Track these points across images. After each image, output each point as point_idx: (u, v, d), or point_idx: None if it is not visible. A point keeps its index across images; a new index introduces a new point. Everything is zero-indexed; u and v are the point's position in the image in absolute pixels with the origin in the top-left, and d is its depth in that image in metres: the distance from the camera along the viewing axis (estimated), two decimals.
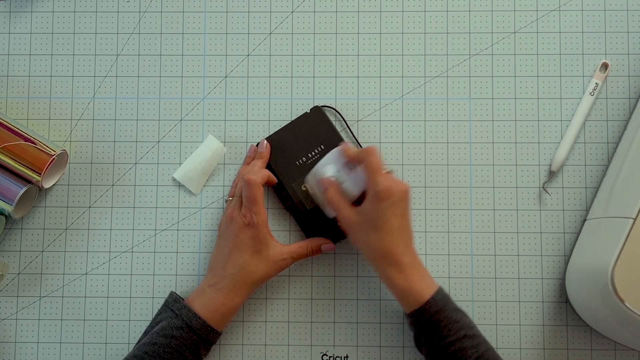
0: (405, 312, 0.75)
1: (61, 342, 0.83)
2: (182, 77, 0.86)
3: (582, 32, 0.85)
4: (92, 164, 0.85)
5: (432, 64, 0.85)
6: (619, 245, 0.71)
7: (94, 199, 0.84)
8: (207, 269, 0.79)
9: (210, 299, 0.76)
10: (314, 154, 0.82)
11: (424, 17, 0.86)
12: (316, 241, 0.80)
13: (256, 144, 0.83)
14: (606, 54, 0.85)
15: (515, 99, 0.85)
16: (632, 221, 0.72)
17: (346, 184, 0.76)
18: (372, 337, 0.82)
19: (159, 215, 0.84)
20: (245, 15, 0.86)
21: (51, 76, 0.86)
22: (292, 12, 0.86)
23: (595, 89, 0.83)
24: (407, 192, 0.74)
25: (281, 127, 0.83)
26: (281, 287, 0.83)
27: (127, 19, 0.86)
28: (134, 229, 0.84)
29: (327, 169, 0.78)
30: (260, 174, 0.77)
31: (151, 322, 0.77)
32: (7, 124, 0.80)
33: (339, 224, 0.79)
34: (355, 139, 0.84)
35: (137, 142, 0.85)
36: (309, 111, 0.83)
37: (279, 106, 0.85)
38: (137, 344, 0.76)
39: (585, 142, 0.84)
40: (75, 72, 0.86)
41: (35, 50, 0.86)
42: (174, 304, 0.76)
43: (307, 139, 0.82)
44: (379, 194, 0.72)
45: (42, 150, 0.80)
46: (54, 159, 0.80)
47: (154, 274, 0.83)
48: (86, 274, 0.83)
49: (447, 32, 0.86)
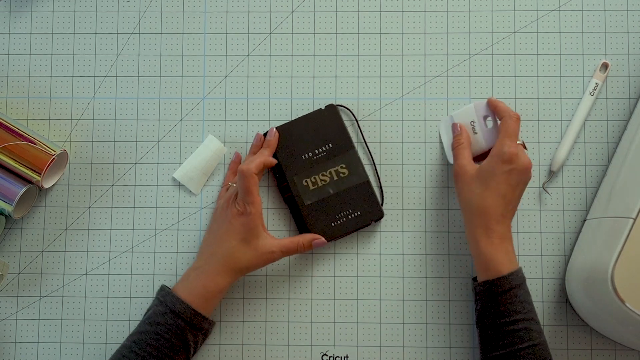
0: (476, 282, 0.75)
1: (61, 342, 0.83)
2: (182, 77, 0.86)
3: (582, 32, 0.85)
4: (92, 164, 0.85)
5: (432, 64, 0.85)
6: (619, 245, 0.71)
7: (94, 199, 0.84)
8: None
9: (193, 282, 0.76)
10: (320, 151, 0.82)
11: (424, 17, 0.86)
12: (307, 237, 0.80)
13: (264, 133, 0.83)
14: (606, 54, 0.85)
15: (515, 99, 0.85)
16: (632, 221, 0.72)
17: (479, 135, 0.78)
18: (372, 337, 0.82)
19: (159, 215, 0.84)
20: (245, 15, 0.86)
21: (51, 76, 0.86)
22: (292, 12, 0.86)
23: (595, 89, 0.83)
24: (528, 167, 0.74)
25: (293, 120, 0.83)
26: (281, 287, 0.83)
27: (127, 19, 0.86)
28: (134, 229, 0.84)
29: (467, 115, 0.79)
30: (254, 163, 0.76)
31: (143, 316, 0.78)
32: (7, 124, 0.80)
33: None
34: (364, 141, 0.84)
35: (137, 142, 0.85)
36: (323, 108, 0.83)
37: (279, 106, 0.85)
38: None
39: (585, 142, 0.84)
40: (75, 72, 0.86)
41: (35, 50, 0.86)
42: (159, 292, 0.77)
43: (316, 135, 0.82)
44: (503, 155, 0.73)
45: (42, 150, 0.80)
46: (54, 159, 0.80)
47: (154, 274, 0.83)
48: (86, 274, 0.83)
49: (447, 32, 0.86)
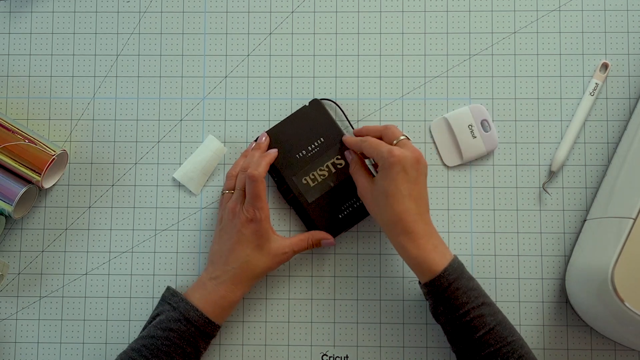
0: (420, 283, 0.74)
1: (61, 342, 0.83)
2: (182, 77, 0.86)
3: (582, 32, 0.85)
4: (92, 164, 0.85)
5: (432, 64, 0.85)
6: (619, 245, 0.71)
7: (94, 199, 0.84)
8: (207, 262, 0.79)
9: (211, 292, 0.76)
10: (313, 147, 0.82)
11: (424, 17, 0.86)
12: (317, 234, 0.80)
13: (255, 139, 0.83)
14: (606, 54, 0.85)
15: (515, 99, 0.85)
16: (632, 221, 0.72)
17: (478, 139, 0.81)
18: (372, 337, 0.82)
19: (159, 215, 0.84)
20: (245, 15, 0.86)
21: (51, 76, 0.86)
22: (292, 12, 0.86)
23: (595, 89, 0.83)
24: (418, 157, 0.73)
25: (280, 121, 0.83)
26: (281, 287, 0.83)
27: (127, 19, 0.86)
28: (134, 229, 0.84)
29: (462, 118, 0.82)
30: (261, 167, 0.77)
31: (149, 317, 0.77)
32: (7, 124, 0.80)
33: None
34: (346, 119, 0.84)
35: (137, 142, 0.85)
36: (307, 104, 0.83)
37: (279, 106, 0.85)
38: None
39: (585, 142, 0.84)
40: (75, 72, 0.86)
41: (35, 50, 0.86)
42: (171, 298, 0.76)
43: (306, 132, 0.82)
44: (386, 161, 0.72)
45: (42, 150, 0.80)
46: (54, 159, 0.80)
47: (154, 274, 0.83)
48: (86, 274, 0.83)
49: (447, 32, 0.86)
